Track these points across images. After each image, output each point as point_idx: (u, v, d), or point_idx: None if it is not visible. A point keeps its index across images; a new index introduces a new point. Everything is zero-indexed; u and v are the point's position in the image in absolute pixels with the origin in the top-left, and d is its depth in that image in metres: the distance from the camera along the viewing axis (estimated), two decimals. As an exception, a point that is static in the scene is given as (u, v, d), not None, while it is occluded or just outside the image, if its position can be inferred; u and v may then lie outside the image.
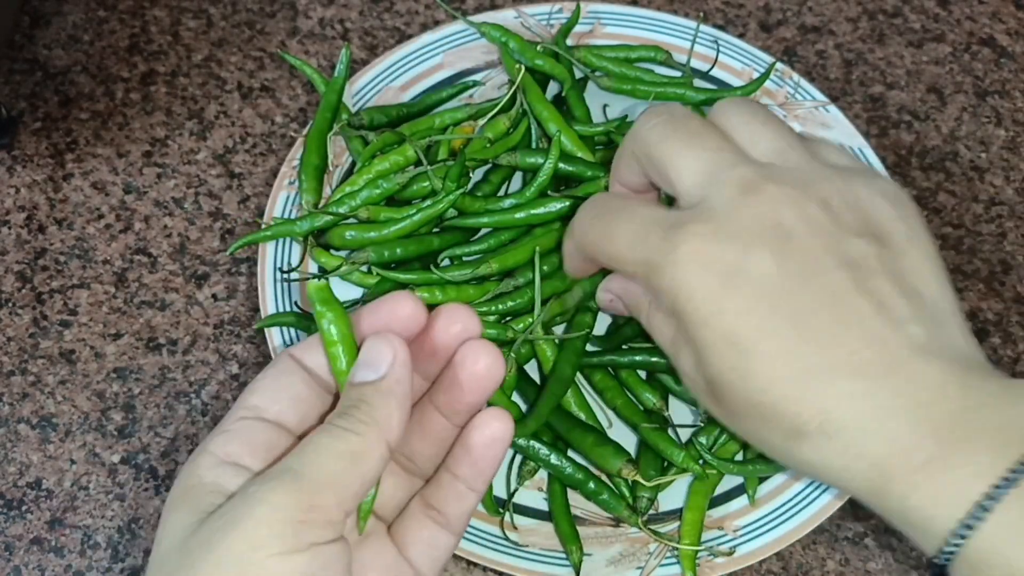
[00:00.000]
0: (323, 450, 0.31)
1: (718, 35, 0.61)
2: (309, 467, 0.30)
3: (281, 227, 0.52)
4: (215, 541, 0.29)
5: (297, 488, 0.30)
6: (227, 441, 0.33)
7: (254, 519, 0.29)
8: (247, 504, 0.29)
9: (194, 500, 0.31)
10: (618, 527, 0.48)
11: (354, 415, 0.32)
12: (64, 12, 0.65)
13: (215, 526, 0.30)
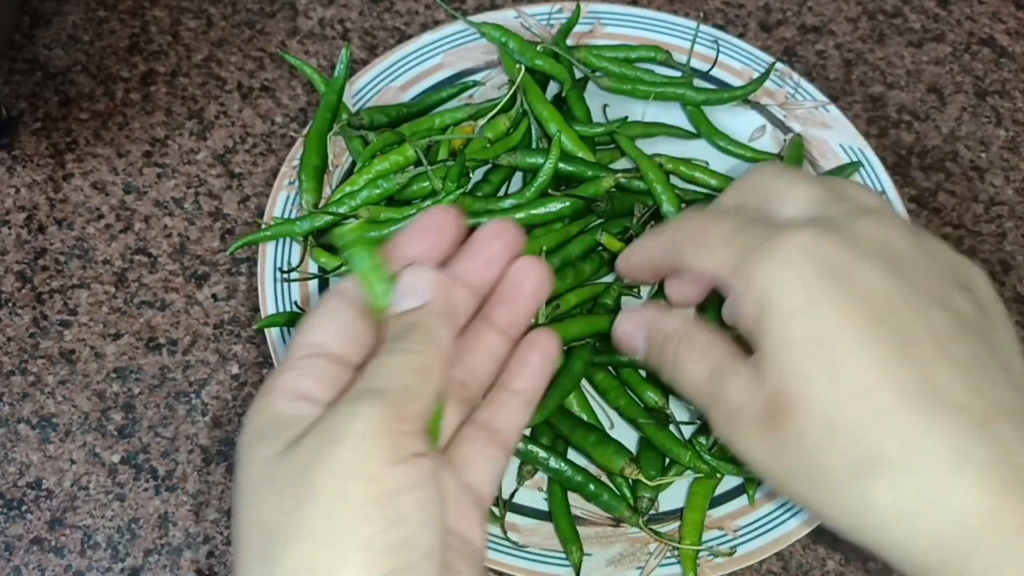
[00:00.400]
0: (395, 367, 0.32)
1: (718, 35, 0.61)
2: (387, 383, 0.31)
3: (281, 227, 0.52)
4: (321, 457, 0.29)
5: (385, 402, 0.30)
6: (297, 377, 0.33)
7: (355, 433, 0.30)
8: (343, 421, 0.30)
9: (275, 433, 0.32)
10: (618, 527, 0.48)
11: (409, 337, 0.33)
12: (64, 12, 0.65)
13: (316, 444, 0.30)
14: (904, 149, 0.63)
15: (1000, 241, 0.60)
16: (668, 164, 0.56)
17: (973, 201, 0.61)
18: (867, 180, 0.57)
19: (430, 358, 0.33)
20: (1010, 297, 0.58)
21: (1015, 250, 0.59)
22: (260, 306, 0.51)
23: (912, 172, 0.62)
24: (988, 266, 0.59)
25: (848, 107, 0.64)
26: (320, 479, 0.29)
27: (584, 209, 0.53)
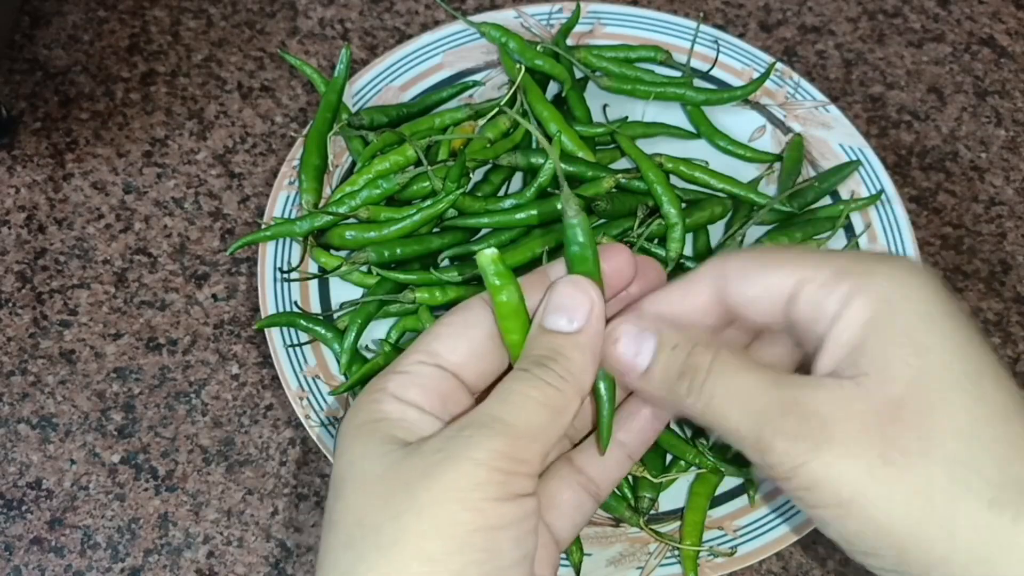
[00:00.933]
0: (529, 402, 0.31)
1: (718, 35, 0.61)
2: (517, 418, 0.31)
3: (281, 227, 0.52)
4: (434, 473, 0.29)
5: (510, 440, 0.30)
6: (406, 384, 0.33)
7: (473, 461, 0.29)
8: (465, 446, 0.30)
9: (385, 431, 0.31)
10: (618, 527, 0.48)
11: (553, 368, 0.32)
12: (64, 12, 0.65)
13: (431, 459, 0.30)
14: (904, 149, 0.63)
15: (1000, 241, 0.60)
16: (668, 164, 0.56)
17: (973, 201, 0.61)
18: (867, 180, 0.57)
19: (568, 399, 0.32)
20: (1010, 297, 0.58)
21: (1015, 250, 0.59)
22: (260, 306, 0.51)
23: (912, 172, 0.62)
24: (988, 266, 0.59)
25: (848, 107, 0.64)
26: (428, 496, 0.29)
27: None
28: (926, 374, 0.30)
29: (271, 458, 0.51)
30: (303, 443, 0.51)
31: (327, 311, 0.52)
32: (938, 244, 0.59)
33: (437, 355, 0.33)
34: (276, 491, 0.50)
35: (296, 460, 0.51)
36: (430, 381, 0.33)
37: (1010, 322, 0.57)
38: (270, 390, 0.53)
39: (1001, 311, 0.57)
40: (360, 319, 0.50)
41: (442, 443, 0.30)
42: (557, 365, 0.32)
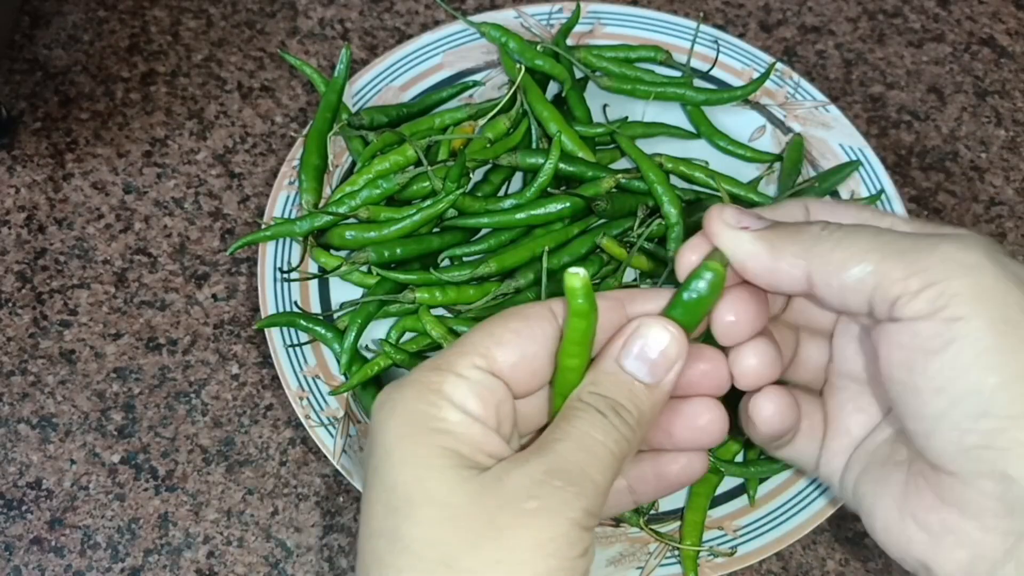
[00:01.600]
0: (608, 455, 0.31)
1: (718, 35, 0.61)
2: (600, 473, 0.30)
3: (281, 227, 0.52)
4: (531, 524, 0.29)
5: (594, 496, 0.30)
6: (465, 393, 0.31)
7: (569, 520, 0.29)
8: (561, 502, 0.29)
9: (450, 446, 0.30)
10: (618, 527, 0.48)
11: (628, 420, 0.31)
12: (64, 12, 0.65)
13: (524, 506, 0.29)
14: (904, 149, 0.63)
15: (1000, 241, 0.60)
16: (668, 164, 0.56)
17: (973, 201, 0.61)
18: (867, 180, 0.57)
19: (633, 450, 0.31)
20: (1010, 297, 0.58)
21: (1015, 250, 0.59)
22: (260, 306, 0.51)
23: (912, 172, 0.62)
24: (988, 266, 0.59)
25: (848, 107, 0.64)
26: (526, 550, 0.28)
27: (584, 210, 0.53)
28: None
29: (271, 458, 0.51)
30: (303, 443, 0.51)
31: (327, 311, 0.52)
32: (938, 244, 0.59)
33: (495, 361, 0.32)
34: (276, 491, 0.50)
35: (296, 460, 0.51)
36: (488, 391, 0.31)
37: (1010, 322, 0.57)
38: (270, 390, 0.53)
39: (1001, 311, 0.57)
40: (360, 319, 0.50)
41: (533, 488, 0.29)
42: (632, 416, 0.31)
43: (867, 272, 0.31)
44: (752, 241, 0.33)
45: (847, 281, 0.31)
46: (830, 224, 0.33)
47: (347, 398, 0.50)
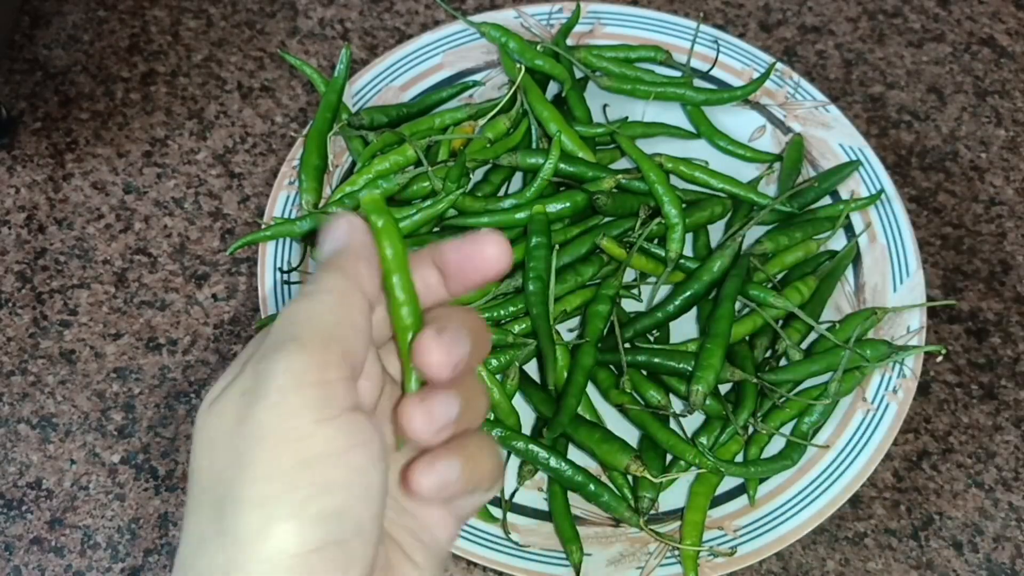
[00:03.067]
0: (309, 313, 0.29)
1: (718, 35, 0.61)
2: (303, 330, 0.29)
3: (281, 227, 0.52)
4: (248, 416, 0.28)
5: (305, 350, 0.28)
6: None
7: (279, 388, 0.28)
8: (265, 377, 0.28)
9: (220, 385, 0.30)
10: (618, 527, 0.48)
11: (326, 278, 0.30)
12: (64, 12, 0.65)
13: (241, 401, 0.28)
14: (904, 149, 0.63)
15: (1000, 241, 0.60)
16: (668, 164, 0.56)
17: (973, 201, 0.61)
18: (867, 180, 0.57)
19: (348, 296, 0.30)
20: (1010, 297, 0.58)
21: (1015, 250, 0.59)
22: (260, 306, 0.51)
23: (912, 172, 0.62)
24: (988, 266, 0.59)
25: (848, 107, 0.64)
26: (248, 441, 0.27)
27: (584, 210, 0.53)
28: None
29: (271, 458, 0.51)
30: (303, 443, 0.51)
31: (327, 311, 0.52)
32: (938, 244, 0.59)
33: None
34: (276, 491, 0.50)
35: (296, 460, 0.51)
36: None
37: (1010, 322, 0.57)
38: (270, 390, 0.53)
39: (1001, 311, 0.57)
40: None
41: (248, 382, 0.28)
42: (329, 275, 0.30)
43: None
44: None
45: None
46: None
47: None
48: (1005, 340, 0.56)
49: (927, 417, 0.54)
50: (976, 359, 0.55)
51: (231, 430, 0.28)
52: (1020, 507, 0.51)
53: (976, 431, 0.53)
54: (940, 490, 0.51)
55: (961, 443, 0.53)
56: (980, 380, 0.55)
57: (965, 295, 0.58)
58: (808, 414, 0.50)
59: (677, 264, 0.53)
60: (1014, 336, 0.56)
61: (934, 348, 0.50)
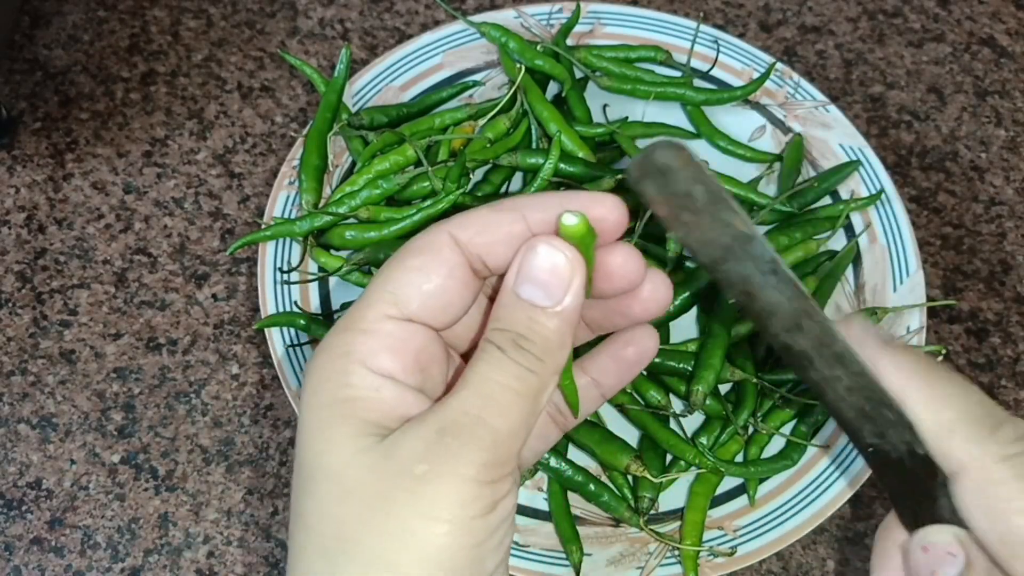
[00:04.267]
0: (508, 395, 0.28)
1: (718, 35, 0.61)
2: (500, 418, 0.28)
3: (281, 227, 0.52)
4: (419, 491, 0.27)
5: (494, 445, 0.28)
6: (375, 349, 0.29)
7: (460, 477, 0.27)
8: (451, 461, 0.27)
9: (358, 415, 0.28)
10: (618, 527, 0.48)
11: (531, 350, 0.29)
12: (64, 12, 0.65)
13: (414, 473, 0.27)
14: (904, 149, 0.63)
15: (1000, 241, 0.60)
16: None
17: (973, 201, 0.61)
18: (867, 180, 0.57)
19: (546, 382, 0.29)
20: (1010, 297, 0.58)
21: (1015, 250, 0.59)
22: (260, 306, 0.51)
23: (912, 172, 0.62)
24: (988, 266, 0.59)
25: (848, 107, 0.64)
26: (415, 519, 0.27)
27: None
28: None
29: (271, 458, 0.51)
30: (303, 443, 0.51)
31: (327, 311, 0.52)
32: (938, 244, 0.59)
33: (408, 306, 0.29)
34: (276, 491, 0.50)
35: (296, 460, 0.51)
36: (401, 341, 0.29)
37: (1010, 322, 0.57)
38: (270, 390, 0.53)
39: (1001, 311, 0.57)
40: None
41: (424, 452, 0.27)
42: (534, 346, 0.29)
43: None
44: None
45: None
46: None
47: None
48: (1005, 340, 0.56)
49: (927, 417, 0.54)
50: (976, 359, 0.55)
51: (394, 497, 0.27)
52: (1020, 507, 0.51)
53: (976, 431, 0.53)
54: (940, 490, 0.51)
55: (961, 443, 0.53)
56: (980, 380, 0.55)
57: (965, 295, 0.58)
58: (808, 414, 0.50)
59: (677, 264, 0.53)
60: (1014, 336, 0.56)
61: (934, 348, 0.50)
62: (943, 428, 0.30)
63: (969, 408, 0.30)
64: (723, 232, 0.31)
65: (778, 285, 0.31)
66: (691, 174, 0.30)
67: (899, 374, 0.31)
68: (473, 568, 0.27)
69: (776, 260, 0.31)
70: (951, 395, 0.30)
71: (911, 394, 0.31)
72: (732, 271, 0.31)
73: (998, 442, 0.29)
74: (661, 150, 0.30)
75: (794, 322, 0.32)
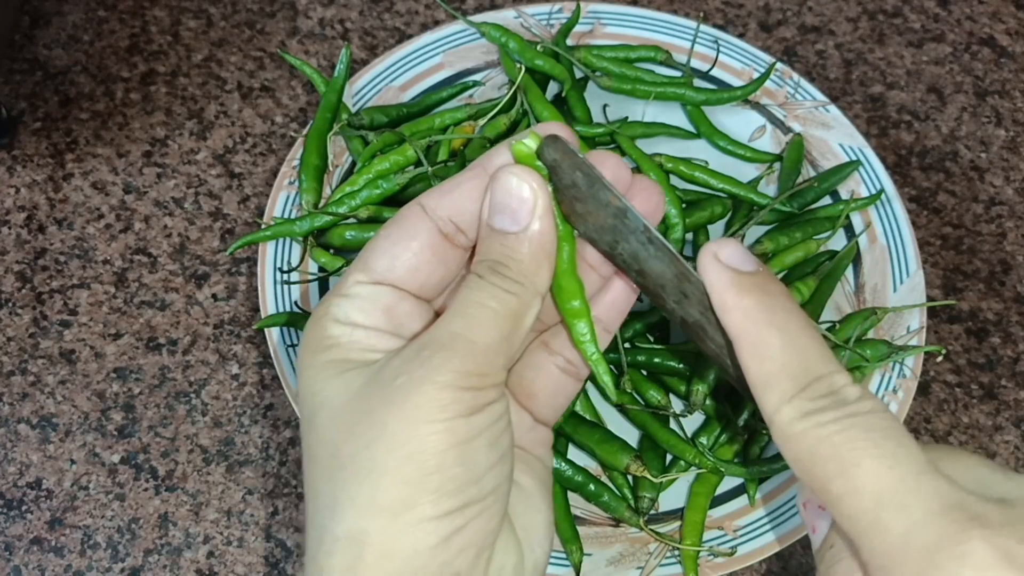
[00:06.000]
0: (486, 312, 0.30)
1: (718, 35, 0.61)
2: (478, 334, 0.30)
3: (281, 227, 0.52)
4: (397, 399, 0.29)
5: (473, 355, 0.30)
6: (346, 308, 0.32)
7: (437, 384, 0.29)
8: (427, 369, 0.29)
9: (337, 355, 0.31)
10: (618, 527, 0.48)
11: (508, 274, 0.31)
12: (64, 12, 0.65)
13: (393, 385, 0.30)
14: (904, 149, 0.63)
15: (1000, 241, 0.60)
16: (668, 164, 0.56)
17: (973, 201, 0.61)
18: (867, 180, 0.57)
19: (526, 303, 0.31)
20: (1010, 297, 0.58)
21: (1015, 250, 0.59)
22: (260, 306, 0.51)
23: (912, 172, 0.62)
24: (988, 266, 0.59)
25: (848, 107, 0.64)
26: (397, 423, 0.29)
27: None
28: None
29: (271, 458, 0.51)
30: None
31: (327, 311, 0.52)
32: (938, 244, 0.59)
33: (375, 271, 0.32)
34: (276, 491, 0.50)
35: (296, 460, 0.51)
36: (370, 301, 0.32)
37: (1010, 322, 0.57)
38: (270, 390, 0.53)
39: (1001, 311, 0.57)
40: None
41: (402, 366, 0.30)
42: (510, 270, 0.31)
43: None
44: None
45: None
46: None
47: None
48: (1005, 340, 0.56)
49: (927, 417, 0.54)
50: (976, 359, 0.55)
51: (375, 410, 0.30)
52: (1020, 507, 0.51)
53: (976, 431, 0.53)
54: (940, 490, 0.51)
55: (961, 443, 0.53)
56: (980, 380, 0.55)
57: (965, 295, 0.58)
58: (808, 414, 0.50)
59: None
60: (1014, 336, 0.56)
61: (934, 348, 0.50)
62: (761, 380, 0.30)
63: (788, 361, 0.30)
64: (606, 212, 0.32)
65: (656, 254, 0.32)
66: (571, 163, 0.31)
67: (737, 317, 0.31)
68: (463, 465, 0.29)
69: (648, 228, 0.32)
70: (778, 346, 0.30)
71: (742, 340, 0.31)
72: (625, 252, 0.32)
73: (802, 398, 0.29)
74: (548, 148, 0.32)
75: (679, 290, 0.32)
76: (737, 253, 0.31)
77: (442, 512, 0.29)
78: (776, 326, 0.30)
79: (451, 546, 0.30)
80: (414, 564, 0.29)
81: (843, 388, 0.29)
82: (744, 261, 0.31)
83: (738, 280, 0.31)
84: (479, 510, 0.30)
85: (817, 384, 0.30)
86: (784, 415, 0.29)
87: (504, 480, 0.31)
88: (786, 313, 0.31)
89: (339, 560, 0.30)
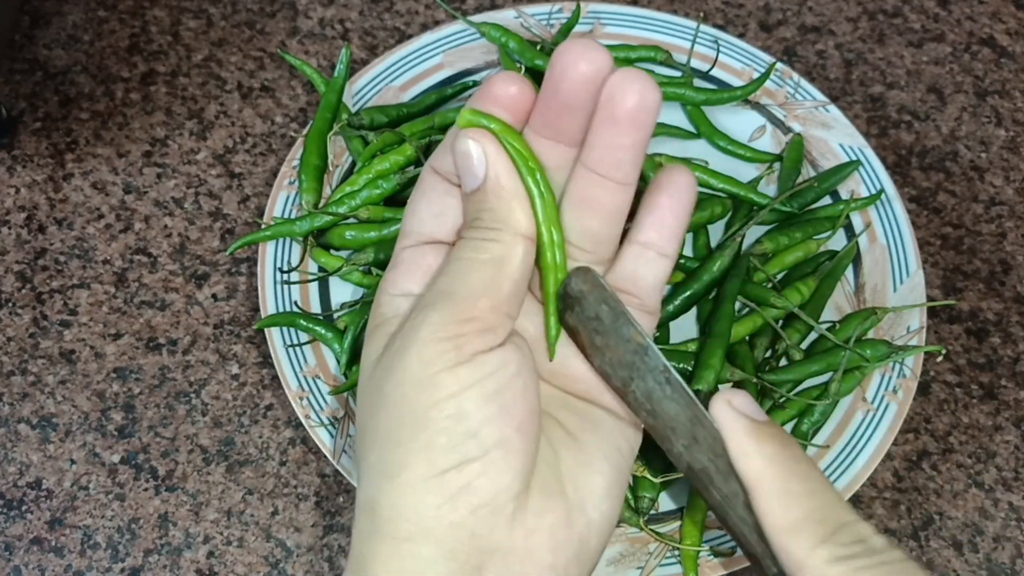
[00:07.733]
0: (466, 264, 0.32)
1: (718, 35, 0.61)
2: (457, 284, 0.32)
3: (281, 227, 0.52)
4: (393, 366, 0.31)
5: (451, 305, 0.31)
6: (395, 278, 0.34)
7: (419, 341, 0.31)
8: (411, 329, 0.31)
9: (381, 333, 0.34)
10: (618, 527, 0.48)
11: (481, 224, 0.32)
12: (64, 12, 0.65)
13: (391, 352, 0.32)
14: (904, 149, 0.63)
15: (1000, 241, 0.60)
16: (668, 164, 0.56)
17: (973, 201, 0.61)
18: (867, 180, 0.57)
19: (505, 245, 0.32)
20: (1010, 297, 0.58)
21: (1015, 250, 0.59)
22: (260, 306, 0.51)
23: (912, 172, 0.62)
24: (988, 266, 0.59)
25: (848, 107, 0.64)
26: (389, 388, 0.31)
27: None
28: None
29: (271, 458, 0.51)
30: (303, 443, 0.51)
31: (327, 311, 0.52)
32: (938, 244, 0.59)
33: (410, 233, 0.35)
34: (276, 491, 0.50)
35: (296, 460, 0.51)
36: (416, 263, 0.34)
37: (1010, 322, 0.57)
38: (270, 390, 0.53)
39: (1001, 311, 0.57)
40: (360, 319, 0.50)
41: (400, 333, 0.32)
42: (483, 220, 0.32)
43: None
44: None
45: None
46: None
47: (347, 398, 0.50)
48: (1005, 340, 0.56)
49: (927, 417, 0.54)
50: (976, 359, 0.56)
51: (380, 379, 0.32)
52: (1020, 507, 0.51)
53: (976, 431, 0.53)
54: (940, 490, 0.51)
55: (961, 443, 0.53)
56: (980, 380, 0.55)
57: (965, 295, 0.58)
58: (808, 414, 0.50)
59: (677, 264, 0.53)
60: (1014, 336, 0.56)
61: (934, 348, 0.50)
62: (788, 525, 0.30)
63: (815, 508, 0.30)
64: (626, 348, 0.32)
65: (673, 395, 0.32)
66: (597, 296, 0.32)
67: (758, 463, 0.30)
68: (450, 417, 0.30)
69: (668, 368, 0.32)
70: (803, 493, 0.30)
71: (764, 486, 0.30)
72: (639, 390, 0.32)
73: (834, 544, 0.29)
74: (575, 279, 0.33)
75: (691, 434, 0.32)
76: (749, 402, 0.32)
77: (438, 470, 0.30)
78: (798, 473, 0.30)
79: (459, 505, 0.30)
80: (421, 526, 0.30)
81: (870, 537, 0.30)
82: (757, 411, 0.32)
83: (755, 428, 0.31)
84: (482, 467, 0.30)
85: (845, 531, 0.29)
86: (819, 558, 0.29)
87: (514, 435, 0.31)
88: (807, 462, 0.31)
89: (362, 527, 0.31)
